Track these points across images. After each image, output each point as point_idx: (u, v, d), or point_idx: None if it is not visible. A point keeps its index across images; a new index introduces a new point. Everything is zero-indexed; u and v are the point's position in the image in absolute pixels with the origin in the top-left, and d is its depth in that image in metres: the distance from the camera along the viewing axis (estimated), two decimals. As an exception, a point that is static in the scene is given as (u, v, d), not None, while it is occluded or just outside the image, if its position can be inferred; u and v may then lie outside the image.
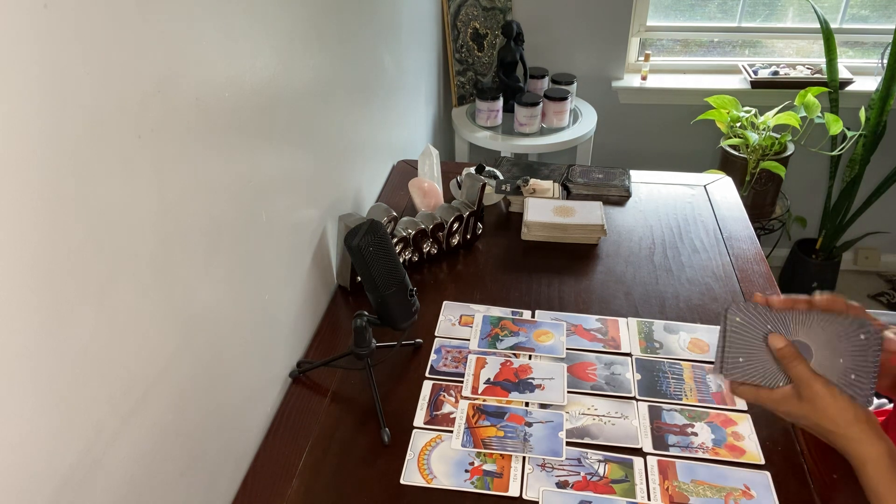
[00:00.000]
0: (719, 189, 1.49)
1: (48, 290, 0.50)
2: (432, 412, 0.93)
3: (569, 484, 0.82)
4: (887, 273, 2.73)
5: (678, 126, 2.45)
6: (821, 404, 0.72)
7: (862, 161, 2.25)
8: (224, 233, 0.76)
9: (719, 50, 2.51)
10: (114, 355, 0.58)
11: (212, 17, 0.69)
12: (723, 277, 1.20)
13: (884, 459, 0.70)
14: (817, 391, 0.73)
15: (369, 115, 1.35)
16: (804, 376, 0.74)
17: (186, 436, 0.72)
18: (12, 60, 0.44)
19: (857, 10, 2.34)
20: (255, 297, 0.87)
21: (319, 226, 1.09)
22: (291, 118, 0.93)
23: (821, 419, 0.73)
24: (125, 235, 0.58)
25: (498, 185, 1.38)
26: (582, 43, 2.36)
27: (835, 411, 0.72)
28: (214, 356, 0.77)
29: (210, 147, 0.71)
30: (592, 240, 1.29)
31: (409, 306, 0.92)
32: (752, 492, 0.81)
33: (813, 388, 0.73)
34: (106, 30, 0.52)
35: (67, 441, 0.54)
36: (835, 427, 0.72)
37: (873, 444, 0.70)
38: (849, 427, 0.71)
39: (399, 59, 1.59)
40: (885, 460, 0.70)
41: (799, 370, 0.74)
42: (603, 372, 0.99)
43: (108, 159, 0.54)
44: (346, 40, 1.16)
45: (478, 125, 2.17)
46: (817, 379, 0.73)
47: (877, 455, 0.70)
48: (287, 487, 0.83)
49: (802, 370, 0.74)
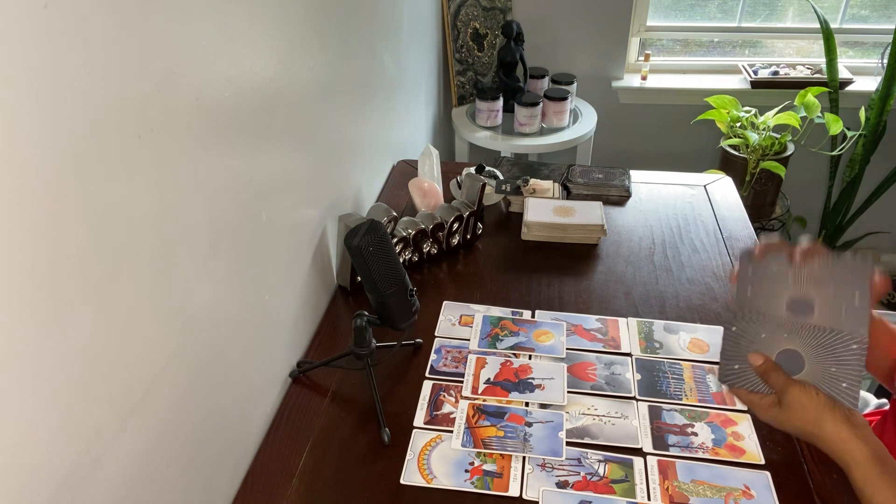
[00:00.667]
0: (719, 189, 1.49)
1: (48, 290, 0.50)
2: (432, 412, 0.93)
3: (569, 484, 0.82)
4: (887, 273, 2.72)
5: (678, 126, 2.45)
6: (799, 408, 0.73)
7: (862, 161, 2.25)
8: (224, 233, 0.76)
9: (719, 50, 2.51)
10: (114, 355, 0.58)
11: (212, 17, 0.69)
12: (723, 277, 1.20)
13: (868, 462, 0.70)
14: (794, 395, 0.73)
15: (369, 115, 1.35)
16: (780, 383, 0.75)
17: (186, 436, 0.72)
18: (12, 60, 0.44)
19: (857, 10, 2.34)
20: (255, 297, 0.87)
21: (319, 226, 1.09)
22: (291, 118, 0.93)
23: (803, 423, 0.73)
24: (125, 235, 0.58)
25: (498, 185, 1.38)
26: (582, 43, 2.36)
27: (814, 415, 0.72)
28: (214, 356, 0.77)
29: (210, 147, 0.71)
30: (592, 240, 1.29)
31: (409, 306, 0.92)
32: (752, 492, 0.81)
33: (790, 393, 0.74)
34: (106, 30, 0.52)
35: (67, 441, 0.54)
36: (817, 430, 0.72)
37: (857, 445, 0.70)
38: (831, 429, 0.71)
39: (399, 59, 1.59)
40: (869, 462, 0.70)
41: (775, 379, 0.75)
42: (603, 372, 0.99)
43: (108, 159, 0.54)
44: (346, 40, 1.16)
45: (478, 125, 2.17)
46: (794, 384, 0.74)
47: (861, 458, 0.70)
48: (287, 487, 0.83)
49: (778, 378, 0.75)
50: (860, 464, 0.70)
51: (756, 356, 0.78)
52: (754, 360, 0.77)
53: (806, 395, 0.73)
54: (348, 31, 1.18)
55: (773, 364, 0.77)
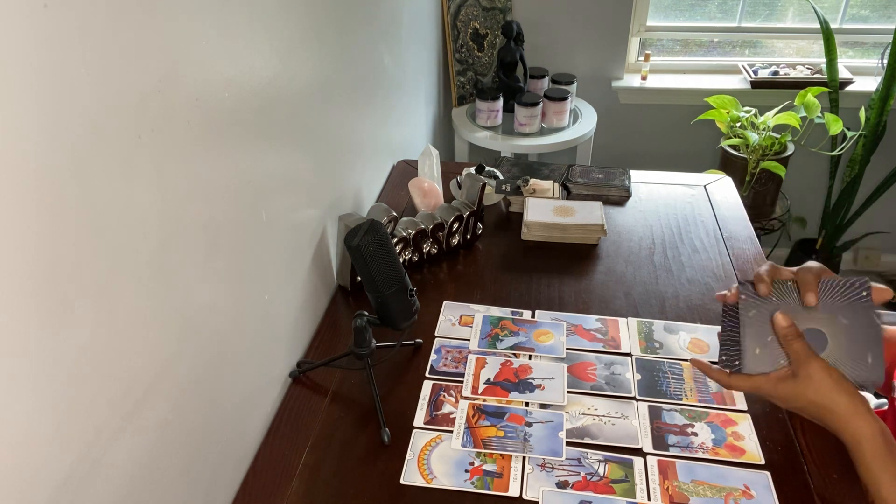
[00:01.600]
0: (719, 189, 1.49)
1: (48, 290, 0.50)
2: (432, 412, 0.93)
3: (569, 484, 0.82)
4: (887, 273, 2.72)
5: (678, 126, 2.45)
6: (817, 380, 0.73)
7: (862, 161, 2.25)
8: (224, 233, 0.76)
9: (719, 50, 2.51)
10: (114, 355, 0.58)
11: (212, 17, 0.69)
12: (723, 277, 1.20)
13: (878, 438, 0.71)
14: (814, 367, 0.73)
15: (369, 115, 1.35)
16: (802, 353, 0.74)
17: (186, 436, 0.72)
18: (12, 60, 0.44)
19: (857, 10, 2.34)
20: (255, 297, 0.87)
21: (319, 226, 1.09)
22: (291, 118, 0.93)
23: (817, 396, 0.73)
24: (125, 235, 0.58)
25: (498, 185, 1.38)
26: (582, 43, 2.36)
27: (829, 388, 0.72)
28: (214, 356, 0.77)
29: (210, 147, 0.71)
30: (592, 240, 1.29)
31: (409, 306, 0.92)
32: (752, 492, 0.81)
33: (810, 365, 0.73)
34: (106, 30, 0.52)
35: (67, 441, 0.54)
36: (831, 403, 0.72)
37: (868, 421, 0.71)
38: (845, 403, 0.72)
39: (399, 59, 1.59)
40: (879, 439, 0.71)
41: (797, 347, 0.75)
42: (603, 372, 0.99)
43: (108, 159, 0.54)
44: (346, 40, 1.16)
45: (478, 125, 2.17)
46: (815, 357, 0.74)
47: (871, 434, 0.71)
48: (287, 487, 0.83)
49: (800, 347, 0.75)
50: (870, 438, 0.70)
51: (783, 317, 0.76)
52: (782, 320, 0.76)
53: (826, 369, 0.73)
54: (348, 31, 1.18)
55: (797, 330, 0.75)
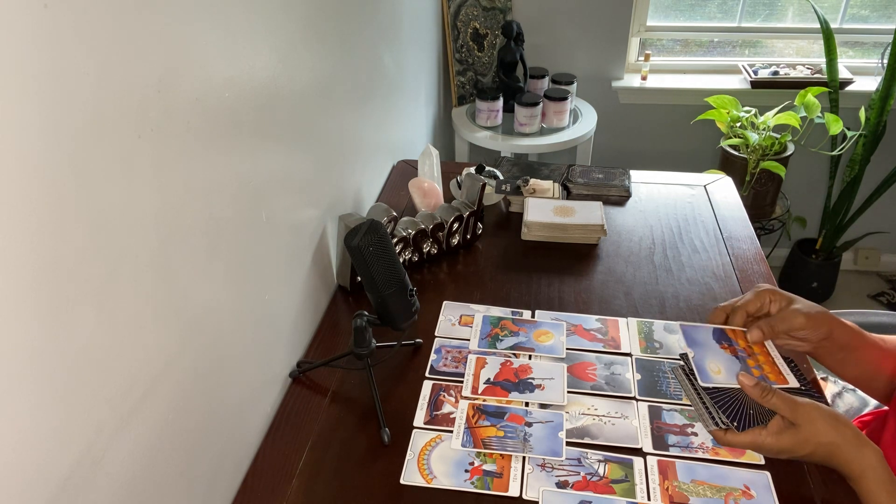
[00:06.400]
0: (719, 189, 1.49)
1: (48, 290, 0.50)
2: (432, 412, 0.93)
3: (569, 484, 0.82)
4: (887, 273, 2.72)
5: (678, 126, 2.45)
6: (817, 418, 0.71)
7: (862, 161, 2.25)
8: (224, 233, 0.76)
9: (719, 50, 2.51)
10: (114, 355, 0.58)
11: (212, 17, 0.69)
12: (723, 277, 1.20)
13: (881, 464, 0.69)
14: (808, 408, 0.71)
15: (369, 115, 1.35)
16: (786, 401, 0.72)
17: (186, 435, 0.72)
18: (12, 60, 0.44)
19: (857, 10, 2.34)
20: (255, 297, 0.87)
21: (319, 226, 1.09)
22: (291, 118, 0.93)
23: (824, 435, 0.70)
24: (125, 235, 0.58)
25: (498, 185, 1.38)
26: (582, 43, 2.36)
27: (832, 422, 0.70)
28: (214, 356, 0.77)
29: (210, 147, 0.71)
30: (592, 240, 1.29)
31: (409, 306, 0.92)
32: (752, 492, 0.81)
33: (804, 409, 0.71)
34: (106, 29, 0.52)
35: (67, 441, 0.54)
36: (838, 437, 0.70)
37: (872, 448, 0.69)
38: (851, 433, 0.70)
39: (399, 59, 1.59)
40: (881, 465, 0.69)
41: (776, 400, 0.72)
42: (603, 372, 0.99)
43: (108, 159, 0.54)
44: (346, 40, 1.16)
45: (478, 125, 2.17)
46: (800, 401, 0.72)
47: (877, 459, 0.69)
48: (287, 487, 0.83)
49: (779, 398, 0.72)
50: (874, 466, 0.69)
51: (744, 377, 0.74)
52: (745, 381, 0.73)
53: (818, 406, 0.71)
54: (348, 30, 1.18)
55: (766, 384, 0.73)
